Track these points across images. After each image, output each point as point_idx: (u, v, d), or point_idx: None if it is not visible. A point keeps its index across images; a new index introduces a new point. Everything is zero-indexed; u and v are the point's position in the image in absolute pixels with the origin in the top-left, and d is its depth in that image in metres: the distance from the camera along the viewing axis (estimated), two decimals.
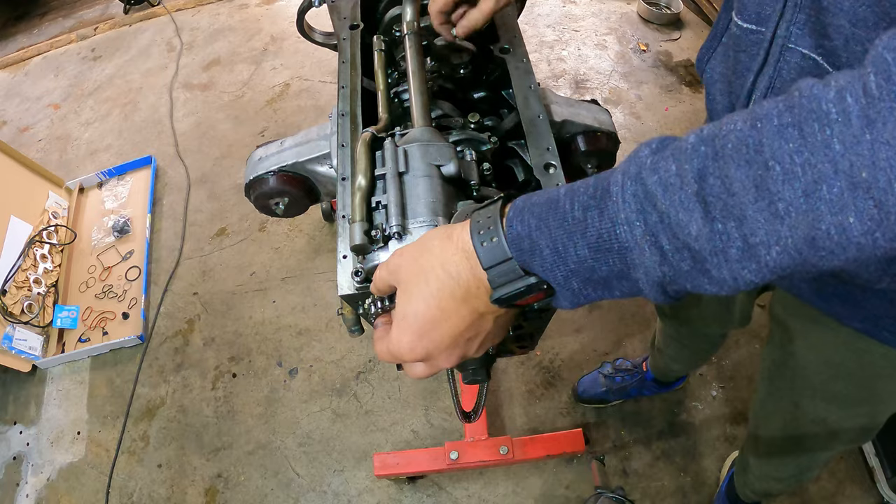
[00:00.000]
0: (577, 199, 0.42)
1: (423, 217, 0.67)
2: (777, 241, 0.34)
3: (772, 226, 0.33)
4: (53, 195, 2.40)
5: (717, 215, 0.35)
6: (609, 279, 0.42)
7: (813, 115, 0.32)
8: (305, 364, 1.98)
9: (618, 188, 0.40)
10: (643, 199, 0.38)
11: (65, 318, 2.13)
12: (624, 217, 0.39)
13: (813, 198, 0.32)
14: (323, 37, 1.32)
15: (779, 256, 0.34)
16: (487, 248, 0.46)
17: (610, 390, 1.71)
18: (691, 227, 0.36)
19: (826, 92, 0.32)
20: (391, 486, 1.71)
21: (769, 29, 0.57)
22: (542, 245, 0.43)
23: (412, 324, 0.50)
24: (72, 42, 3.45)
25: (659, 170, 0.38)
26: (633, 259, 0.39)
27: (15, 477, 1.89)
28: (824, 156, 0.31)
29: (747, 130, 0.34)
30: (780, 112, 0.33)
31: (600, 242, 0.40)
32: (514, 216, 0.46)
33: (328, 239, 2.27)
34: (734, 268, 0.36)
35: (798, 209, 0.32)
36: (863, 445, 1.60)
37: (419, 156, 0.73)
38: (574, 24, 2.93)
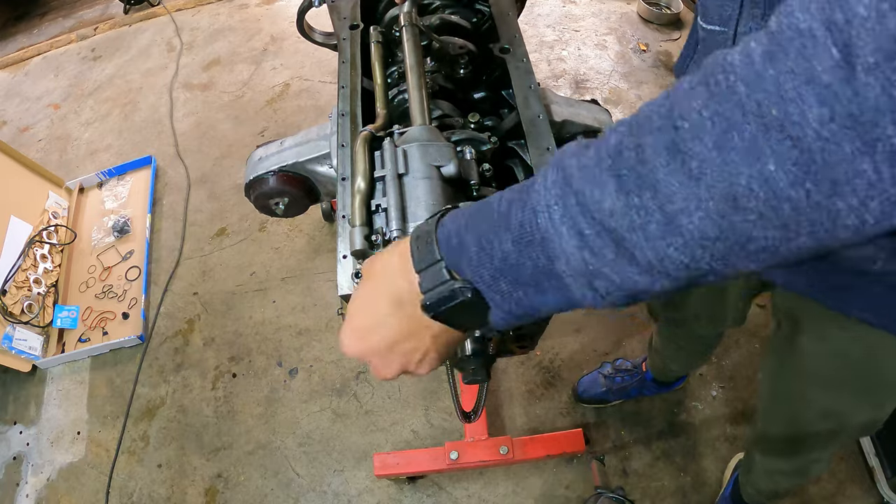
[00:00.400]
0: (504, 196, 0.41)
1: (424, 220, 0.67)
2: (697, 206, 0.31)
3: (688, 189, 0.31)
4: (53, 195, 2.40)
5: (632, 187, 0.33)
6: (537, 277, 0.39)
7: (718, 68, 0.31)
8: (305, 364, 1.98)
9: (541, 178, 0.38)
10: (562, 183, 0.36)
11: (65, 318, 2.13)
12: (545, 204, 0.37)
13: (725, 149, 0.29)
14: (323, 37, 1.32)
15: (702, 223, 0.31)
16: (421, 249, 0.45)
17: (610, 390, 1.71)
18: (605, 202, 0.34)
19: (731, 52, 0.31)
20: (391, 486, 1.71)
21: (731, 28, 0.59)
22: (468, 242, 0.42)
23: (350, 324, 0.51)
24: (72, 42, 3.45)
25: (579, 154, 0.37)
26: (553, 249, 0.37)
27: (15, 477, 1.89)
28: (731, 102, 0.29)
29: (660, 100, 0.33)
30: (690, 78, 0.32)
31: (522, 234, 0.38)
32: (448, 218, 0.45)
33: (328, 239, 2.27)
34: (657, 245, 0.33)
35: (712, 164, 0.30)
36: (863, 446, 1.60)
37: (419, 156, 0.73)
38: (574, 24, 2.93)
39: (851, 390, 0.86)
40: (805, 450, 1.09)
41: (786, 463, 1.18)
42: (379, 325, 0.49)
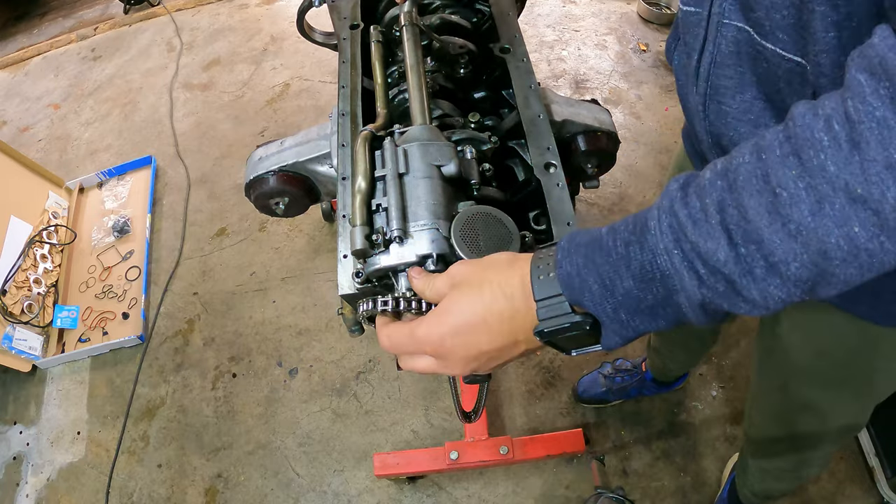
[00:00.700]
0: (618, 237, 0.46)
1: (424, 220, 0.67)
2: (794, 258, 0.38)
3: (787, 244, 0.37)
4: (53, 195, 2.40)
5: (740, 241, 0.39)
6: (654, 307, 0.45)
7: (808, 143, 0.36)
8: (305, 364, 1.98)
9: (655, 222, 0.44)
10: (678, 230, 0.42)
11: (65, 318, 2.13)
12: (663, 247, 0.43)
13: (819, 216, 0.36)
14: (323, 37, 1.32)
15: (798, 270, 0.38)
16: (542, 281, 0.50)
17: (610, 390, 1.71)
18: (719, 254, 0.40)
19: (816, 121, 0.36)
20: (391, 486, 1.71)
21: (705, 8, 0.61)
22: (590, 282, 0.47)
23: (453, 321, 0.53)
24: (72, 42, 3.45)
25: (688, 204, 0.42)
26: (674, 285, 0.43)
27: (15, 477, 1.89)
28: (823, 178, 0.35)
29: (754, 162, 0.39)
30: (781, 142, 0.38)
31: (643, 273, 0.44)
32: (562, 257, 0.49)
33: (328, 239, 2.27)
34: (761, 286, 0.40)
35: (807, 227, 0.36)
36: (863, 446, 1.60)
37: (419, 156, 0.73)
38: (574, 24, 2.93)
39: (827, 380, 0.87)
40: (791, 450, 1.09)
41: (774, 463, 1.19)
42: (483, 331, 0.52)
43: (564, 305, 0.48)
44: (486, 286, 0.52)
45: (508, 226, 0.67)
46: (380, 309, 0.61)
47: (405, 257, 0.65)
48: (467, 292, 0.53)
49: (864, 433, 1.60)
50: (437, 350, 0.55)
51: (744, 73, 0.60)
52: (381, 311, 0.61)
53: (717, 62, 0.62)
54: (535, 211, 0.82)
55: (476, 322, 0.52)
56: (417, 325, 0.55)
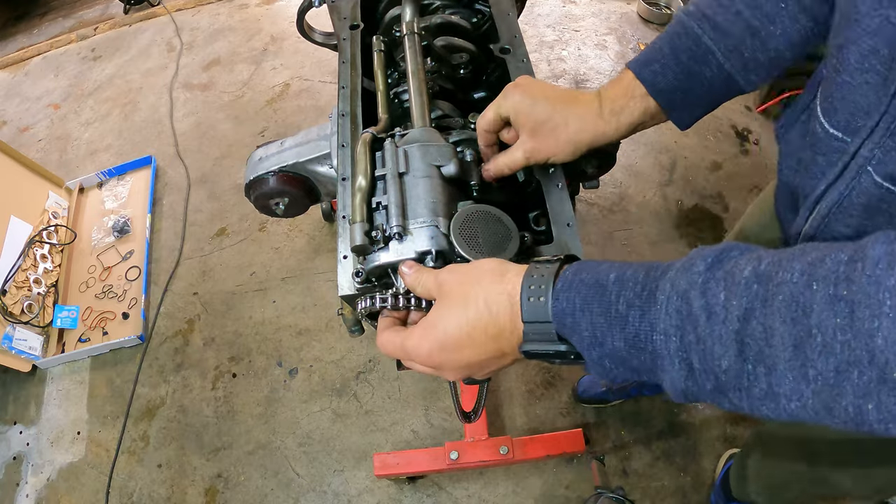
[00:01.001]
0: (623, 294, 0.44)
1: (424, 218, 0.67)
2: (798, 398, 0.36)
3: (798, 385, 0.35)
4: (53, 195, 2.40)
5: (751, 357, 0.37)
6: (639, 370, 0.45)
7: (868, 300, 0.32)
8: (305, 364, 1.98)
9: (664, 297, 0.41)
10: (685, 317, 0.40)
11: (65, 318, 2.13)
12: (663, 328, 0.41)
13: (843, 377, 0.33)
14: (323, 37, 1.32)
15: (796, 410, 0.36)
16: (533, 304, 0.48)
17: (610, 390, 1.71)
18: (723, 361, 0.38)
19: (888, 278, 0.32)
20: (391, 486, 1.71)
21: (854, 143, 0.54)
22: (582, 327, 0.46)
23: (439, 337, 0.53)
24: (72, 42, 3.45)
25: (707, 294, 0.39)
26: (662, 365, 0.42)
27: (15, 477, 1.89)
28: (865, 345, 0.32)
29: (802, 287, 0.35)
30: (839, 280, 0.34)
31: (636, 341, 0.43)
32: (561, 289, 0.47)
33: (328, 239, 2.27)
34: (754, 404, 0.38)
35: (826, 381, 0.34)
36: None
37: (419, 156, 0.73)
38: (574, 24, 2.93)
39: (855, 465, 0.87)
40: None
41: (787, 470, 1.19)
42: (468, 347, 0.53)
43: (552, 334, 0.48)
44: (470, 301, 0.52)
45: (507, 224, 0.67)
46: (378, 306, 0.61)
47: (404, 254, 0.66)
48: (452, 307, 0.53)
49: None
50: (426, 362, 0.56)
51: (867, 225, 0.55)
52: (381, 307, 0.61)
53: (843, 206, 0.56)
54: (535, 212, 0.82)
55: (461, 339, 0.52)
56: (407, 337, 0.56)
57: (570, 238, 0.73)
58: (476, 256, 0.63)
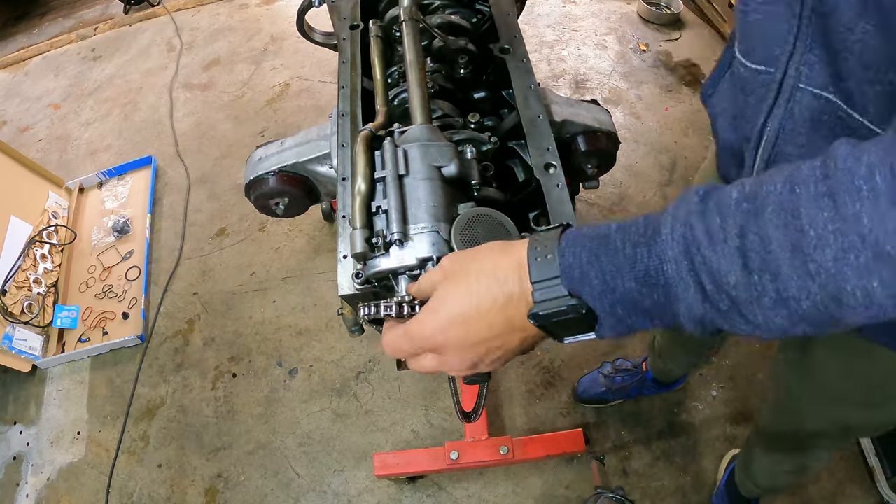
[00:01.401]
0: (627, 237, 0.45)
1: (425, 223, 0.67)
2: (807, 297, 0.37)
3: (803, 282, 0.37)
4: (53, 195, 2.40)
5: (755, 268, 0.39)
6: (652, 310, 0.45)
7: (845, 187, 0.35)
8: (305, 364, 1.98)
9: (667, 230, 0.43)
10: (690, 241, 0.41)
11: (65, 318, 2.13)
12: (671, 255, 0.42)
13: (841, 262, 0.35)
14: (323, 37, 1.32)
15: (808, 309, 0.38)
16: (540, 263, 0.49)
17: (610, 390, 1.71)
18: (731, 277, 0.40)
19: (858, 167, 0.35)
20: (391, 486, 1.71)
21: (779, 69, 0.57)
22: (591, 276, 0.46)
23: (445, 311, 0.52)
24: (72, 42, 3.45)
25: (706, 218, 0.41)
26: (676, 293, 0.43)
27: (15, 477, 1.89)
28: (854, 228, 0.35)
29: (786, 194, 0.38)
30: (817, 180, 0.37)
31: (647, 277, 0.44)
32: (566, 246, 0.48)
33: (328, 239, 2.27)
34: (767, 314, 0.40)
35: (828, 271, 0.36)
36: (863, 445, 1.60)
37: (419, 157, 0.73)
38: (574, 24, 2.93)
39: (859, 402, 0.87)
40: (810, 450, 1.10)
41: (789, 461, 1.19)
42: (476, 319, 0.51)
43: (560, 288, 0.48)
44: (478, 274, 0.51)
45: (508, 227, 0.67)
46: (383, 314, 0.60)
47: (405, 260, 0.65)
48: (458, 282, 0.52)
49: None
50: (433, 345, 0.54)
51: (816, 140, 0.57)
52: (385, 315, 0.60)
53: (788, 129, 0.59)
54: (535, 211, 0.82)
55: (468, 311, 0.51)
56: (409, 324, 0.55)
57: None
58: None
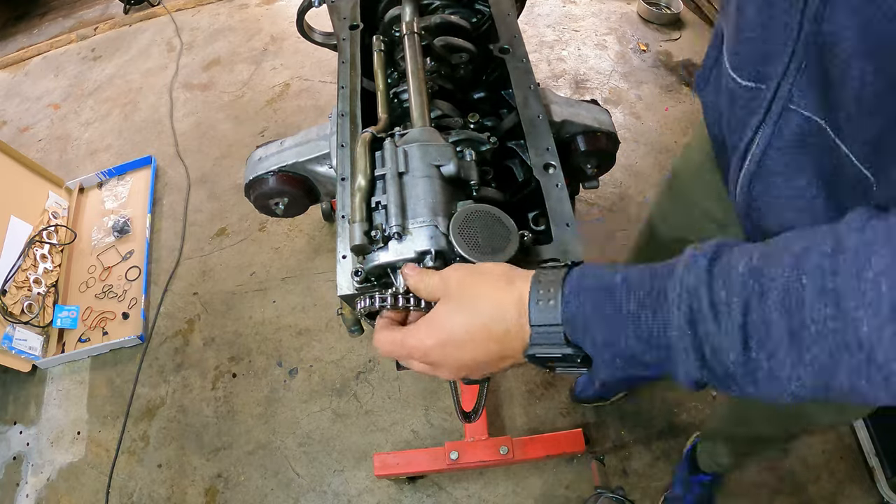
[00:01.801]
0: (632, 294, 0.46)
1: (423, 217, 0.67)
2: (797, 380, 0.40)
3: (796, 368, 0.39)
4: (53, 195, 2.40)
5: (753, 346, 0.40)
6: (651, 365, 0.47)
7: (852, 291, 0.36)
8: (305, 364, 1.98)
9: (675, 296, 0.44)
10: (696, 312, 0.43)
11: (65, 318, 2.13)
12: (676, 324, 0.43)
13: (835, 359, 0.37)
14: (323, 37, 1.32)
15: (797, 390, 0.40)
16: (541, 307, 0.50)
17: (607, 386, 1.72)
18: (731, 354, 0.41)
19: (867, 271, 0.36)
20: (391, 486, 1.71)
21: (769, 88, 0.57)
22: (594, 330, 0.47)
23: (442, 334, 0.53)
24: (72, 42, 3.45)
25: (712, 291, 0.42)
26: (676, 358, 0.44)
27: (15, 477, 1.89)
28: (853, 332, 0.36)
29: (793, 282, 0.39)
30: (825, 273, 0.37)
31: (650, 338, 0.45)
32: (570, 294, 0.49)
33: (328, 239, 2.27)
34: (759, 387, 0.42)
35: (822, 364, 0.38)
36: (863, 446, 1.60)
37: (419, 156, 0.73)
38: (574, 24, 2.93)
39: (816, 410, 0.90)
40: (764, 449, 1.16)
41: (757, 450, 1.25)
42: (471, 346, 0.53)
43: (559, 336, 0.49)
44: (479, 303, 0.52)
45: (507, 224, 0.67)
46: (378, 306, 0.61)
47: (404, 254, 0.66)
48: (459, 307, 0.54)
49: (864, 433, 1.60)
50: (424, 359, 0.56)
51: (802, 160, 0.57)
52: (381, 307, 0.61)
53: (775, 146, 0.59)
54: (535, 211, 0.82)
55: (463, 338, 0.53)
56: (408, 334, 0.56)
57: (570, 238, 0.73)
58: (476, 256, 0.63)
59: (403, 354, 0.57)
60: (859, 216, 0.39)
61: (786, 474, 1.62)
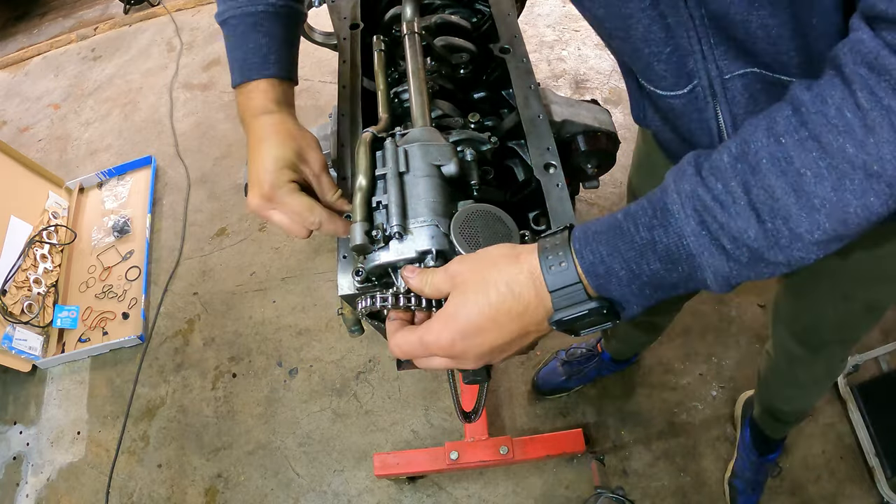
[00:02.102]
0: (639, 222, 0.48)
1: (424, 217, 0.67)
2: (818, 227, 0.42)
3: (812, 217, 0.42)
4: (53, 195, 2.40)
5: (767, 218, 0.43)
6: (677, 283, 0.49)
7: (824, 128, 0.41)
8: (305, 364, 1.98)
9: (678, 206, 0.46)
10: (703, 212, 0.45)
11: (65, 318, 2.13)
12: (689, 230, 0.45)
13: (840, 190, 0.41)
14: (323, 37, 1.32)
15: (819, 235, 0.43)
16: (555, 271, 0.50)
17: (570, 377, 1.73)
18: (749, 232, 0.44)
19: (827, 109, 0.41)
20: (391, 486, 1.71)
21: (702, 78, 0.62)
22: (616, 267, 0.48)
23: (460, 324, 0.53)
24: (72, 42, 3.45)
25: (710, 188, 0.45)
26: (701, 262, 0.46)
27: (15, 477, 1.89)
28: (842, 158, 0.41)
29: (774, 146, 0.43)
30: (797, 127, 0.42)
31: (670, 255, 0.47)
32: (581, 248, 0.50)
33: (328, 239, 2.27)
34: (786, 251, 0.44)
35: (830, 201, 0.41)
36: (863, 446, 1.60)
37: (420, 156, 0.73)
38: (574, 24, 2.93)
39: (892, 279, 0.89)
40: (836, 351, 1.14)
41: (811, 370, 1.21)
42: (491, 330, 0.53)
43: (581, 293, 0.50)
44: (490, 286, 0.52)
45: (508, 223, 0.67)
46: (379, 305, 0.61)
47: (404, 253, 0.66)
48: (472, 295, 0.53)
49: (864, 433, 1.60)
50: (447, 353, 0.55)
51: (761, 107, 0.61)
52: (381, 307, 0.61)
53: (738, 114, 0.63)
54: (535, 211, 0.82)
55: (484, 323, 0.52)
56: (425, 331, 0.55)
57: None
58: None
59: (424, 353, 0.57)
60: (798, 85, 0.44)
61: (786, 474, 1.62)
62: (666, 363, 1.83)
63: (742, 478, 1.55)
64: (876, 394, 1.63)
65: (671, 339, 1.84)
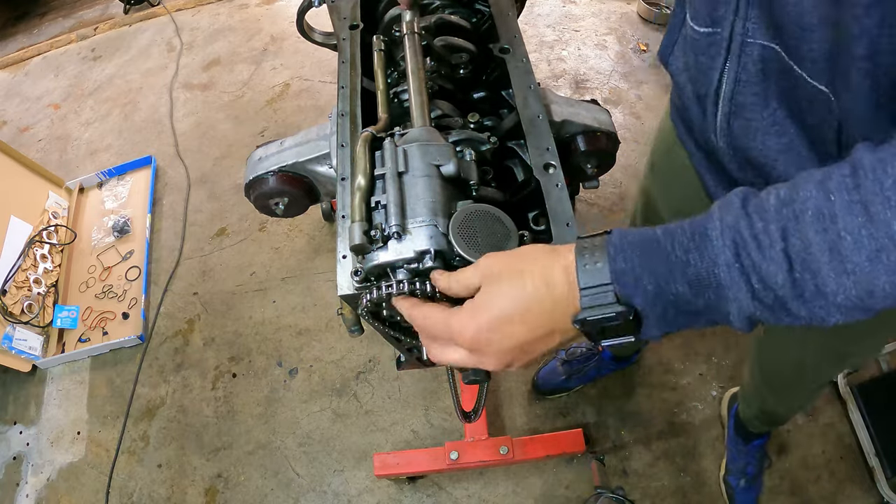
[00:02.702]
0: (676, 241, 0.48)
1: (423, 217, 0.67)
2: (843, 291, 0.42)
3: (840, 280, 0.42)
4: (53, 195, 2.40)
5: (798, 268, 0.43)
6: (701, 311, 0.48)
7: (877, 197, 0.40)
8: (305, 364, 1.98)
9: (717, 234, 0.46)
10: (740, 246, 0.45)
11: (65, 318, 2.13)
12: (724, 260, 0.45)
13: (875, 262, 0.40)
14: (323, 37, 1.32)
15: (843, 301, 0.43)
16: (589, 270, 0.50)
17: (570, 377, 1.73)
18: (778, 278, 0.44)
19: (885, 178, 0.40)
20: (391, 486, 1.71)
21: (725, 28, 0.62)
22: (644, 281, 0.48)
23: (493, 314, 0.53)
24: (72, 42, 3.45)
25: (751, 224, 0.45)
26: (728, 295, 0.46)
27: (15, 477, 1.89)
28: (885, 232, 0.40)
29: (822, 201, 0.42)
30: (849, 189, 0.41)
31: (699, 280, 0.47)
32: (615, 253, 0.50)
33: (328, 239, 2.27)
34: (809, 306, 0.44)
35: (862, 270, 0.41)
36: (863, 446, 1.60)
37: (419, 155, 0.73)
38: (574, 24, 2.93)
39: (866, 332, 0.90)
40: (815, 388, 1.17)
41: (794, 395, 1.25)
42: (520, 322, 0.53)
43: (610, 295, 0.49)
44: (526, 276, 0.52)
45: (507, 224, 0.67)
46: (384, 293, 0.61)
47: (403, 253, 0.66)
48: (506, 286, 0.53)
49: (864, 433, 1.60)
50: (472, 343, 0.54)
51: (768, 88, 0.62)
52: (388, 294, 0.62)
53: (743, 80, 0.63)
54: (535, 211, 0.82)
55: (515, 314, 0.52)
56: (454, 315, 0.55)
57: (570, 238, 0.73)
58: (475, 256, 0.63)
59: (446, 336, 0.56)
60: (865, 145, 0.43)
61: (785, 474, 1.62)
62: (666, 363, 1.83)
63: (734, 472, 1.57)
64: (876, 394, 1.63)
65: (671, 339, 1.84)
